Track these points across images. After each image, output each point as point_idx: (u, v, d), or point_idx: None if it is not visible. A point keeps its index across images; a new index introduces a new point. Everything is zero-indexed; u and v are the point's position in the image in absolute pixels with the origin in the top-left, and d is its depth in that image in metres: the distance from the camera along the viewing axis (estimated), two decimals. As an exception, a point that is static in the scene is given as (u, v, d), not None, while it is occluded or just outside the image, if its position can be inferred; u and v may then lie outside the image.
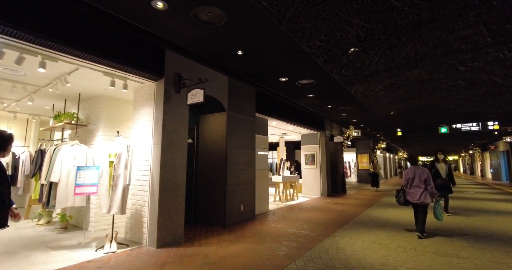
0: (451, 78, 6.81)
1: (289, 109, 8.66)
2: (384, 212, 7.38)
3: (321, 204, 8.75)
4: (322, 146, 11.25)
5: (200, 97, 4.29)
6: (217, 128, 5.99)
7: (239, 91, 6.26)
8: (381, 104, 9.03)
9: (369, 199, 9.99)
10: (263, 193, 7.55)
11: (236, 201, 5.89)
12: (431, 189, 4.75)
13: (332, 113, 10.33)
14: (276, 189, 9.37)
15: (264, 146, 7.80)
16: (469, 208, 8.08)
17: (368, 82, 6.77)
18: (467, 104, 9.58)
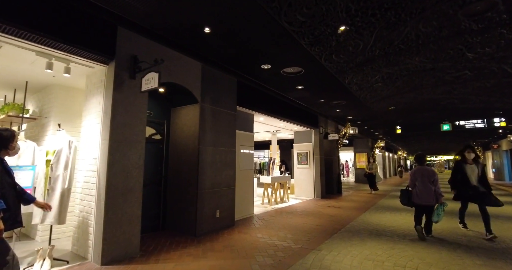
0: (456, 67, 6.05)
1: (278, 103, 7.89)
2: (381, 217, 6.62)
3: (313, 207, 8.00)
4: (316, 144, 10.49)
5: (155, 82, 3.53)
6: (189, 122, 5.23)
7: (216, 80, 5.50)
8: (378, 98, 8.26)
9: (365, 201, 9.24)
10: (247, 195, 6.80)
11: (211, 206, 5.13)
12: (438, 189, 4.71)
13: (326, 108, 9.56)
14: (265, 190, 8.62)
15: (249, 144, 7.05)
16: (475, 213, 7.32)
17: (363, 72, 6.01)
18: (472, 99, 8.82)
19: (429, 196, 4.69)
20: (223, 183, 5.45)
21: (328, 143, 11.78)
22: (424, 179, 4.77)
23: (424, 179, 4.77)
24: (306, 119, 9.70)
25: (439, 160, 58.13)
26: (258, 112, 7.16)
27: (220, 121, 5.52)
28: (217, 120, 5.45)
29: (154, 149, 5.29)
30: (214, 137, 5.35)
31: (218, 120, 5.47)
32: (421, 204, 4.77)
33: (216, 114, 5.45)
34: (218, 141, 5.42)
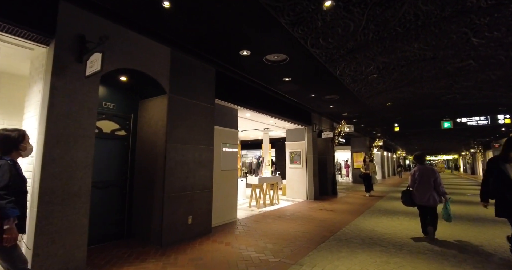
0: (460, 56, 5.44)
1: (266, 98, 7.27)
2: (376, 222, 6.01)
3: (304, 210, 7.39)
4: (309, 143, 9.87)
5: (98, 65, 2.91)
6: (156, 116, 4.61)
7: (189, 69, 4.88)
8: (374, 92, 7.65)
9: (361, 204, 8.63)
10: (230, 198, 6.18)
11: (181, 212, 4.51)
12: (442, 189, 4.56)
13: (318, 104, 8.95)
14: (252, 192, 8.00)
15: (233, 141, 6.43)
16: (480, 216, 6.72)
17: (356, 61, 5.39)
18: (475, 93, 8.21)
19: (427, 196, 4.58)
20: (197, 185, 4.83)
21: (322, 142, 11.17)
22: (425, 178, 4.68)
23: (424, 179, 4.68)
24: (298, 116, 9.08)
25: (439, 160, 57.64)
26: (243, 107, 6.54)
27: (194, 115, 4.90)
28: (190, 114, 4.83)
29: (118, 146, 4.67)
30: (186, 133, 4.73)
31: (191, 114, 4.85)
32: (422, 205, 4.67)
33: (189, 107, 4.83)
34: (191, 137, 4.80)
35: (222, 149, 6.06)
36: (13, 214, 1.93)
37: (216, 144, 5.76)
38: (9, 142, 2.13)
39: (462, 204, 8.60)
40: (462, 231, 5.20)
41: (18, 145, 2.16)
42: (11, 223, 1.93)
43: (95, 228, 4.15)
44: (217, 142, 5.86)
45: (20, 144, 2.18)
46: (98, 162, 4.25)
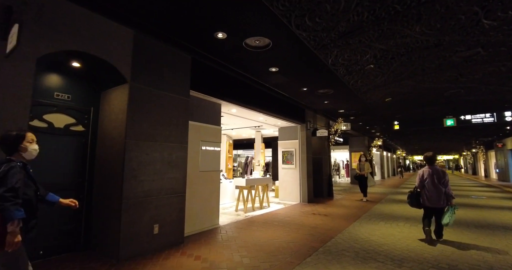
0: (468, 43, 4.81)
1: (254, 92, 6.65)
2: (373, 229, 5.38)
3: (295, 215, 6.76)
4: (303, 142, 9.25)
5: (14, 39, 2.29)
6: (116, 109, 3.98)
7: (157, 55, 4.25)
8: (371, 86, 7.02)
9: (358, 207, 8.00)
10: (210, 202, 5.56)
11: (145, 220, 3.89)
12: (449, 191, 4.49)
13: (312, 100, 8.32)
14: (240, 194, 7.37)
15: (214, 139, 5.81)
16: (488, 222, 6.09)
17: (349, 47, 4.76)
18: (481, 89, 7.58)
19: (439, 197, 4.47)
20: (165, 189, 4.20)
21: (317, 141, 10.54)
22: (435, 180, 4.54)
23: (433, 180, 4.55)
24: (290, 113, 8.45)
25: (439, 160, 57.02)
26: (227, 101, 5.91)
27: (163, 108, 4.27)
28: (158, 107, 4.20)
29: (74, 144, 4.04)
30: (153, 128, 4.10)
31: (160, 106, 4.22)
32: (430, 206, 4.55)
33: (158, 98, 4.20)
34: (159, 133, 4.18)
35: (201, 147, 5.44)
36: (17, 216, 1.83)
37: (193, 142, 5.15)
38: (7, 142, 2.05)
39: (468, 208, 7.97)
40: (471, 240, 4.57)
41: (17, 146, 2.07)
42: (15, 226, 1.83)
43: (43, 239, 3.53)
44: (194, 140, 5.24)
45: (19, 144, 2.07)
46: (46, 161, 3.63)
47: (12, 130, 2.11)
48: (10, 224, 1.82)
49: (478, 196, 10.87)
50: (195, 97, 5.26)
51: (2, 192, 1.82)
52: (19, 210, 1.85)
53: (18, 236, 1.85)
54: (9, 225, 1.81)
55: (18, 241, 1.85)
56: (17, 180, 1.90)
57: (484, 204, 8.68)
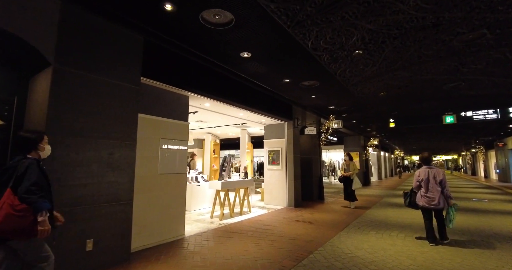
0: (471, 22, 4.07)
1: (230, 84, 5.91)
2: (361, 240, 4.63)
3: (276, 222, 6.00)
4: (290, 140, 8.50)
5: None
6: (40, 99, 3.22)
7: (94, 33, 3.49)
8: (362, 77, 6.28)
9: (348, 212, 7.25)
10: (174, 209, 4.80)
11: (72, 234, 3.12)
12: (447, 191, 4.44)
13: (298, 94, 7.57)
14: (216, 198, 6.61)
15: (180, 136, 5.05)
16: (494, 232, 5.35)
17: (331, 26, 4.01)
18: (484, 81, 6.85)
19: (436, 198, 4.37)
20: (104, 196, 3.43)
21: (307, 140, 9.79)
22: (431, 180, 4.46)
23: (430, 180, 4.47)
24: (275, 109, 7.70)
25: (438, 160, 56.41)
26: (195, 93, 5.16)
27: (102, 97, 3.51)
28: (95, 96, 3.44)
29: (-10, 141, 3.27)
30: (87, 122, 3.34)
31: (97, 96, 3.46)
32: (428, 207, 4.45)
33: (94, 86, 3.43)
34: (95, 128, 3.41)
35: (161, 146, 4.68)
36: (45, 207, 2.03)
37: (149, 139, 4.41)
38: (28, 143, 2.22)
39: (469, 213, 7.22)
40: (475, 257, 3.82)
41: (37, 146, 2.26)
42: (44, 216, 2.02)
43: None
44: (152, 137, 4.49)
45: (38, 144, 2.27)
46: None
47: (30, 131, 2.31)
48: (40, 215, 2.00)
49: (479, 199, 10.14)
50: (152, 87, 4.51)
51: (28, 185, 1.97)
52: (45, 201, 2.03)
53: (47, 225, 2.04)
54: (38, 215, 1.99)
55: (49, 229, 2.05)
56: (37, 174, 2.06)
57: (487, 208, 7.94)
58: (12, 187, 2.01)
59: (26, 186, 1.97)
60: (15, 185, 2.01)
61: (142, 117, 4.30)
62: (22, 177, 2.02)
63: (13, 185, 2.01)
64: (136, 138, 3.91)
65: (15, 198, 1.97)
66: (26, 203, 1.97)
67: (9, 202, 1.95)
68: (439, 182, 4.41)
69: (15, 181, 2.02)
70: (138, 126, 4.10)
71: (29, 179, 2.00)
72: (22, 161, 2.09)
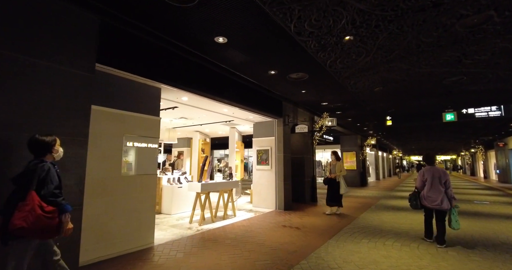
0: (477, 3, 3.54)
1: (209, 75, 5.37)
2: (351, 251, 4.09)
3: (260, 228, 5.46)
4: (279, 139, 7.96)
5: None
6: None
7: (35, 10, 2.93)
8: (355, 69, 5.74)
9: (340, 216, 6.71)
10: (141, 215, 4.26)
11: None
12: (451, 192, 4.33)
13: (287, 88, 7.02)
14: (195, 203, 6.06)
15: (149, 133, 4.51)
16: (501, 240, 4.82)
17: (315, 4, 3.46)
18: (488, 75, 6.33)
19: (440, 198, 4.31)
20: (40, 202, 2.87)
21: (299, 139, 9.26)
22: (435, 180, 4.41)
23: (435, 180, 4.42)
24: (264, 105, 7.16)
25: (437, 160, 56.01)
26: (168, 85, 4.62)
27: (43, 85, 2.95)
28: (33, 83, 2.88)
29: None
30: (21, 114, 2.78)
31: (36, 82, 2.91)
32: (430, 207, 4.43)
33: (32, 71, 2.88)
34: (33, 121, 2.86)
35: (125, 143, 4.13)
36: (69, 209, 2.23)
37: (110, 135, 3.88)
38: (44, 146, 2.30)
39: (471, 217, 6.70)
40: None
41: (51, 149, 2.34)
42: (67, 217, 2.22)
43: None
44: (113, 133, 3.96)
45: (53, 147, 2.36)
46: None
47: (43, 135, 2.32)
48: (64, 216, 2.19)
49: (480, 201, 9.62)
50: (114, 76, 3.96)
51: (52, 189, 2.15)
52: (68, 203, 2.24)
53: (70, 224, 2.27)
54: (63, 216, 2.19)
55: (71, 228, 2.29)
56: (57, 178, 2.22)
57: (490, 212, 7.41)
58: (35, 189, 2.12)
59: (51, 189, 2.14)
60: (38, 188, 2.12)
61: (101, 111, 3.76)
62: (44, 180, 2.14)
63: (36, 188, 2.12)
64: (88, 133, 3.35)
65: (41, 201, 2.10)
66: (52, 205, 2.14)
67: (39, 204, 2.08)
68: (444, 182, 4.36)
69: (38, 184, 2.13)
70: (96, 120, 3.60)
71: (52, 182, 2.16)
72: (42, 165, 2.18)
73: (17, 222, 1.99)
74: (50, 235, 2.16)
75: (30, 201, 2.06)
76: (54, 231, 2.15)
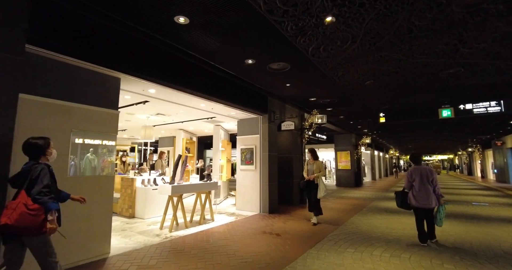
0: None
1: (182, 66, 4.83)
2: (333, 263, 3.56)
3: (236, 235, 4.92)
4: (264, 137, 7.42)
5: None
6: None
7: None
8: (342, 59, 5.20)
9: (328, 220, 6.18)
10: (96, 222, 3.71)
11: None
12: (438, 190, 4.35)
13: (269, 81, 6.47)
14: (169, 204, 5.51)
15: (107, 129, 3.95)
16: (504, 250, 4.31)
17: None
18: (487, 66, 5.83)
19: (429, 197, 4.29)
20: None
21: (288, 137, 8.74)
22: (423, 179, 4.38)
23: (422, 180, 4.38)
24: (246, 100, 6.63)
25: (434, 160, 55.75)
26: (129, 74, 4.07)
27: None
28: None
29: None
30: None
31: None
32: (419, 207, 4.34)
33: None
34: None
35: (73, 140, 3.57)
36: (55, 207, 2.27)
37: (53, 130, 3.31)
38: (37, 149, 2.40)
39: (469, 221, 6.19)
40: None
41: (45, 151, 2.44)
42: (53, 215, 2.27)
43: None
44: (57, 127, 3.41)
45: (46, 150, 2.46)
46: None
47: (37, 138, 2.43)
48: (50, 214, 2.24)
49: (479, 203, 9.14)
50: (58, 62, 3.40)
51: (40, 188, 2.21)
52: (55, 202, 2.28)
53: (55, 224, 2.29)
54: (48, 215, 2.23)
55: (56, 227, 2.30)
56: (48, 178, 2.30)
57: (490, 215, 6.91)
58: (26, 189, 2.24)
59: (39, 188, 2.21)
60: (29, 187, 2.24)
61: (38, 101, 3.20)
62: (35, 180, 2.23)
63: (26, 187, 2.24)
64: (14, 128, 2.79)
65: (28, 199, 2.19)
66: (38, 203, 2.19)
67: (23, 202, 2.17)
68: (430, 181, 4.34)
69: (29, 184, 2.24)
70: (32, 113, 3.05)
71: (41, 182, 2.23)
72: (35, 166, 2.30)
73: (2, 219, 2.11)
74: (34, 232, 2.18)
75: (18, 199, 2.19)
76: (38, 228, 2.18)
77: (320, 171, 5.86)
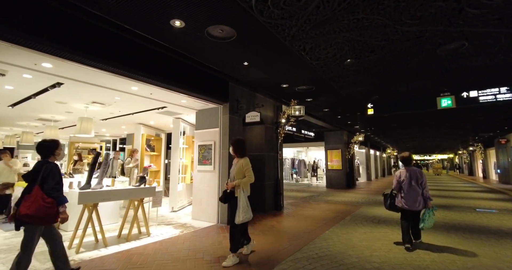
0: None
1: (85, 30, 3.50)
2: None
3: (160, 261, 3.61)
4: (225, 131, 6.11)
5: None
6: None
7: None
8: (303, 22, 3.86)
9: (299, 233, 4.87)
10: None
11: None
12: (426, 192, 4.24)
13: (219, 57, 5.10)
14: (81, 215, 4.20)
15: None
16: None
17: None
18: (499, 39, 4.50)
19: (416, 199, 4.17)
20: None
21: (260, 132, 7.43)
22: (413, 181, 4.24)
23: (411, 181, 4.25)
24: (197, 84, 5.32)
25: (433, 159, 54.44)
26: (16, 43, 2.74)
27: None
28: None
29: None
30: None
31: None
32: (407, 209, 4.21)
33: None
34: None
35: None
36: (66, 201, 2.80)
37: None
38: (48, 149, 2.91)
39: (476, 236, 4.88)
40: None
41: (54, 152, 2.93)
42: (65, 208, 2.79)
43: None
44: None
45: (55, 150, 2.95)
46: None
47: (47, 140, 2.98)
48: (61, 207, 2.75)
49: (484, 209, 7.82)
50: None
51: (53, 184, 2.70)
52: (64, 196, 2.78)
53: (67, 214, 2.80)
54: (60, 207, 2.74)
55: (67, 217, 2.81)
56: (59, 176, 2.78)
57: (500, 227, 5.58)
58: (39, 184, 2.68)
59: (52, 184, 2.69)
60: (42, 183, 2.69)
61: None
62: (47, 177, 2.70)
63: (40, 183, 2.69)
64: None
65: (43, 193, 2.64)
66: (52, 197, 2.66)
67: (40, 196, 2.61)
68: (420, 183, 4.23)
69: (41, 180, 2.69)
70: None
71: (53, 178, 2.72)
72: (46, 165, 2.76)
73: (22, 210, 2.53)
74: (50, 221, 2.67)
75: (34, 193, 2.61)
76: (52, 218, 2.67)
77: (244, 176, 3.77)
